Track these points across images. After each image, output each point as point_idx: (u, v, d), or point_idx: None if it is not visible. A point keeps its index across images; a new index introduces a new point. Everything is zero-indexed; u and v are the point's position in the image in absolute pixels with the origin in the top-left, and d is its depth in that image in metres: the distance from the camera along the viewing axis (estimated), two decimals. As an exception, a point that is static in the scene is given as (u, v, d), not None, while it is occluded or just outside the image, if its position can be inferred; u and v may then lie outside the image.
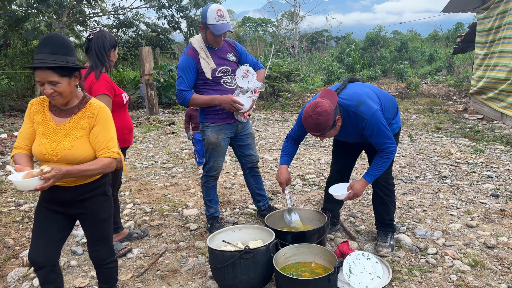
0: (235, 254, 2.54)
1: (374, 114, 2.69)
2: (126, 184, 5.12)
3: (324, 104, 2.58)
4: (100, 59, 2.91)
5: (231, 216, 3.95)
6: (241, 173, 5.30)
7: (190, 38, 3.39)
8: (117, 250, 3.24)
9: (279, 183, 3.09)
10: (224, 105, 3.22)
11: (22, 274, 3.07)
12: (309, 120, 2.61)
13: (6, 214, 4.31)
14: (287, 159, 3.11)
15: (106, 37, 2.95)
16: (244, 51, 3.53)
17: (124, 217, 4.08)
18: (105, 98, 2.86)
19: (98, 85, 2.86)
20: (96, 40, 2.91)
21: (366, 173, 2.86)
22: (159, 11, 14.70)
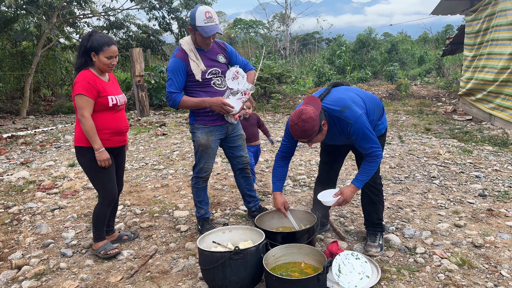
0: (225, 255, 2.55)
1: (358, 118, 2.72)
2: (117, 186, 5.10)
3: (308, 111, 2.62)
4: (79, 60, 3.02)
5: (222, 217, 3.95)
6: (232, 175, 5.30)
7: (180, 40, 3.38)
8: (107, 250, 3.23)
9: (278, 209, 3.14)
10: (214, 107, 3.23)
11: (11, 277, 3.04)
12: (295, 128, 2.65)
13: (-6, 216, 4.27)
14: (279, 185, 3.15)
15: (90, 39, 2.98)
16: (234, 53, 3.54)
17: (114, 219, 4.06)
18: (82, 98, 2.93)
19: (76, 86, 2.95)
20: (82, 39, 3.03)
21: (354, 179, 2.89)
22: (149, 12, 14.65)
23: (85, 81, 2.94)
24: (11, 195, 5.04)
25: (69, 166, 6.27)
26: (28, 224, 4.08)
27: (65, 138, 8.90)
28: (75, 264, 3.20)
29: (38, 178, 5.71)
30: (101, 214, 3.23)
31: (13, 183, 5.53)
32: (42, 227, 3.90)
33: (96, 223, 3.24)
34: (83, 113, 2.93)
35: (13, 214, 4.36)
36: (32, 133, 9.66)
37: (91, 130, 2.95)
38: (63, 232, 3.81)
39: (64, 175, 5.78)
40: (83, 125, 2.94)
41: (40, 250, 3.48)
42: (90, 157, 3.03)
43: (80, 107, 2.92)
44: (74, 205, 4.52)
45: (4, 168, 6.41)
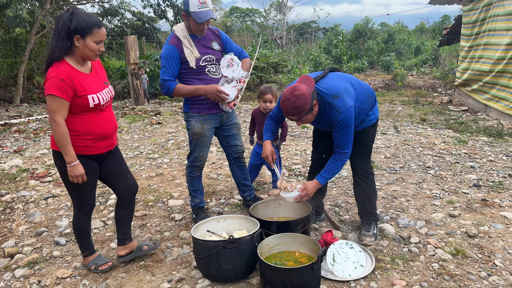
0: (219, 244, 2.54)
1: (347, 109, 2.72)
2: (111, 175, 5.06)
3: (301, 88, 2.61)
4: (55, 45, 2.39)
5: (217, 207, 3.94)
6: (227, 164, 5.28)
7: (173, 27, 3.32)
8: (98, 264, 2.84)
9: (265, 157, 3.11)
10: (209, 95, 3.18)
11: (4, 265, 3.02)
12: (287, 103, 2.62)
13: (-14, 205, 4.23)
14: (270, 135, 3.17)
15: (72, 18, 2.38)
16: (229, 40, 3.48)
17: (108, 208, 4.04)
18: (54, 99, 2.36)
19: (47, 83, 2.38)
20: (56, 21, 2.41)
21: (319, 175, 2.90)
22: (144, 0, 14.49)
23: (57, 77, 2.36)
24: (4, 183, 4.99)
25: (63, 155, 6.21)
26: (21, 212, 4.05)
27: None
28: (69, 253, 3.18)
29: (32, 166, 5.67)
30: (82, 225, 2.79)
31: (6, 171, 5.48)
32: (35, 216, 3.87)
33: (78, 236, 2.83)
34: (54, 117, 2.38)
35: (6, 202, 4.33)
36: (25, 121, 9.57)
37: (62, 138, 2.41)
38: (57, 220, 3.79)
39: (57, 163, 5.73)
40: (55, 133, 2.40)
41: (33, 238, 3.46)
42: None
43: (50, 110, 2.38)
44: (67, 194, 4.49)
45: (-3, 156, 6.34)
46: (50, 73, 2.38)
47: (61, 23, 2.37)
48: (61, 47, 2.39)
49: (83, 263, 2.93)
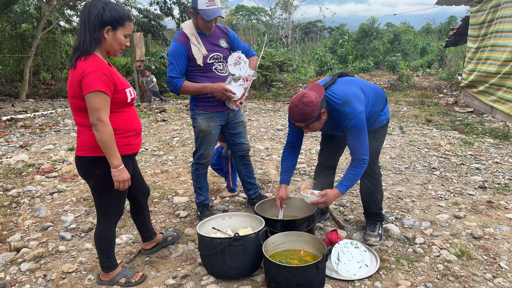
0: (224, 241, 2.54)
1: (358, 115, 2.70)
2: (116, 171, 5.08)
3: (310, 95, 2.61)
4: (88, 37, 2.20)
5: (221, 204, 3.95)
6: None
7: (181, 24, 3.32)
8: (129, 277, 2.65)
9: (276, 199, 3.08)
10: (215, 93, 3.19)
11: (10, 259, 3.04)
12: (294, 110, 2.62)
13: (-7, 199, 4.26)
14: (284, 178, 3.10)
15: (106, 8, 2.21)
16: (236, 38, 3.49)
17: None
18: (99, 96, 2.17)
19: (89, 79, 2.14)
20: (87, 10, 2.20)
21: (339, 183, 2.86)
22: (151, -3, 14.51)
23: (99, 71, 2.17)
24: (10, 177, 5.02)
25: (68, 150, 6.25)
26: (27, 207, 4.07)
27: (65, 122, 8.86)
28: (74, 248, 3.19)
29: (37, 161, 5.70)
30: (111, 237, 2.58)
31: (12, 166, 5.51)
32: (41, 210, 3.90)
33: (105, 249, 2.59)
34: (100, 116, 2.17)
35: (12, 196, 4.35)
36: (31, 116, 9.62)
37: (111, 139, 2.21)
38: (62, 215, 3.81)
39: (63, 158, 5.77)
40: (101, 134, 2.17)
41: (39, 233, 3.48)
42: (108, 170, 2.33)
43: (95, 108, 2.16)
44: (73, 189, 4.51)
45: (3, 151, 6.39)
46: (88, 67, 2.16)
47: (94, 13, 2.18)
48: (96, 39, 2.21)
49: (102, 279, 2.65)
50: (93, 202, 4.05)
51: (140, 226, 2.96)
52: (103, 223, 2.54)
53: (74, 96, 2.24)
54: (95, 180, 2.38)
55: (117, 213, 2.55)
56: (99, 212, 2.54)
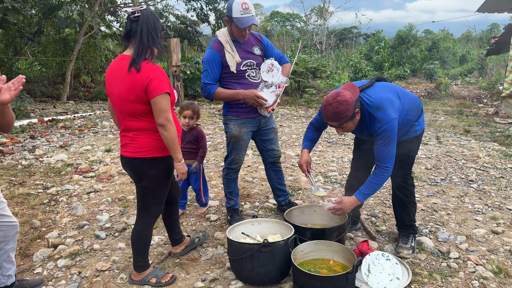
0: (253, 246, 2.56)
1: (390, 122, 2.65)
2: (150, 173, 5.20)
3: (345, 94, 2.58)
4: (150, 42, 2.36)
5: (251, 210, 3.96)
6: (263, 168, 5.29)
7: (216, 32, 3.40)
8: (159, 277, 2.72)
9: (300, 165, 3.10)
10: (247, 99, 3.23)
11: (47, 254, 3.17)
12: (328, 108, 2.60)
13: (34, 196, 4.46)
14: (308, 144, 3.15)
15: (157, 18, 2.41)
16: (270, 45, 3.52)
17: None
18: (166, 98, 2.35)
19: (157, 81, 2.31)
20: (146, 18, 2.35)
21: (358, 191, 2.81)
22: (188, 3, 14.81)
23: (164, 75, 2.36)
24: (50, 176, 5.24)
25: (105, 151, 6.46)
26: (65, 205, 4.23)
27: (102, 124, 9.17)
28: (108, 247, 3.29)
29: (76, 161, 5.92)
30: (149, 236, 2.72)
31: (52, 165, 5.75)
32: (78, 209, 4.05)
33: (142, 247, 2.70)
34: (168, 117, 2.35)
35: (51, 194, 4.54)
36: (71, 117, 10.01)
37: (176, 137, 2.41)
38: (98, 214, 3.93)
39: (100, 159, 5.96)
40: (170, 132, 2.36)
41: (75, 231, 3.61)
42: (164, 169, 2.54)
43: (164, 109, 2.33)
44: (109, 189, 4.66)
45: (44, 150, 6.68)
46: (153, 71, 2.32)
47: (154, 20, 2.36)
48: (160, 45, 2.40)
49: (133, 279, 2.73)
50: (127, 203, 4.18)
51: (171, 229, 3.02)
52: (144, 221, 2.66)
53: (135, 101, 2.36)
54: (148, 180, 2.53)
55: (158, 213, 2.69)
56: (142, 211, 2.66)
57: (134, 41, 2.37)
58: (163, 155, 2.50)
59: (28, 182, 4.95)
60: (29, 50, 16.19)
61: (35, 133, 8.06)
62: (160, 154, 2.48)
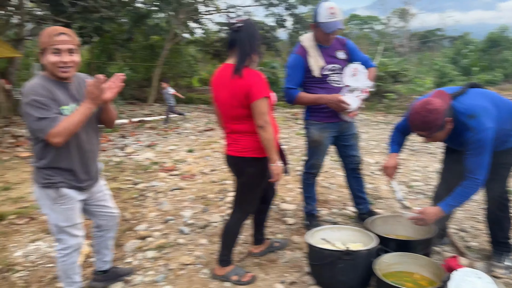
0: (334, 253, 2.53)
1: (484, 131, 2.47)
2: (229, 174, 5.36)
3: (435, 102, 2.45)
4: (250, 50, 2.53)
5: (329, 216, 3.92)
6: (340, 174, 5.20)
7: (300, 37, 3.43)
8: (240, 275, 2.79)
9: (385, 168, 2.98)
10: (330, 104, 3.21)
11: (137, 245, 3.41)
12: (416, 117, 2.49)
13: (125, 190, 4.83)
14: (396, 148, 3.03)
15: (257, 27, 2.61)
16: (355, 49, 3.47)
17: (226, 204, 4.28)
18: (265, 101, 2.51)
19: (258, 86, 2.49)
20: (247, 28, 2.52)
21: (443, 202, 2.63)
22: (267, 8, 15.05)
23: (263, 79, 2.54)
24: (138, 173, 5.65)
25: (188, 152, 6.80)
26: (152, 200, 4.53)
27: (185, 126, 9.67)
28: (191, 242, 3.46)
29: (161, 160, 6.31)
30: (237, 231, 2.83)
31: (140, 162, 6.19)
32: (164, 204, 4.30)
33: (229, 243, 2.83)
34: (267, 119, 2.51)
35: (140, 190, 4.88)
36: (157, 119, 10.69)
37: (273, 138, 2.56)
38: (181, 211, 4.15)
39: (183, 159, 6.29)
40: (268, 133, 2.51)
41: (162, 225, 3.84)
42: (261, 169, 2.66)
43: (263, 112, 2.49)
44: (191, 188, 4.89)
45: (134, 148, 7.21)
46: (253, 76, 2.50)
47: (254, 30, 2.55)
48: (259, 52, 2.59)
49: (216, 273, 2.84)
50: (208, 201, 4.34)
51: (258, 227, 3.11)
52: (237, 217, 2.81)
53: (238, 106, 2.55)
54: (246, 177, 2.72)
55: (249, 210, 2.84)
56: (237, 206, 2.83)
57: (235, 50, 2.54)
58: (261, 156, 2.63)
59: (119, 177, 5.37)
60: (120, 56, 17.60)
61: (125, 132, 8.74)
62: (258, 155, 2.63)
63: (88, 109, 2.21)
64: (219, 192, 4.68)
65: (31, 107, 2.13)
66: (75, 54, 2.24)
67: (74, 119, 2.17)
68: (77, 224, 2.42)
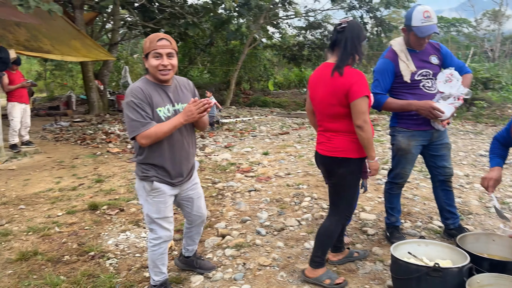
0: (422, 269, 2.39)
1: None
2: (304, 178, 5.35)
3: None
4: (353, 50, 2.53)
5: (412, 229, 3.71)
6: (424, 185, 4.94)
7: (391, 41, 3.32)
8: (333, 279, 2.74)
9: (484, 179, 2.73)
10: (421, 111, 3.04)
11: (216, 242, 3.52)
12: None
13: (204, 189, 4.99)
14: (499, 161, 2.77)
15: (361, 28, 2.61)
16: (449, 54, 3.27)
17: (302, 209, 4.27)
18: (366, 100, 2.49)
19: (360, 83, 2.48)
20: (351, 28, 2.53)
21: None
22: (348, 12, 14.77)
23: (364, 79, 2.52)
24: (217, 172, 5.83)
25: (263, 154, 6.88)
26: (230, 200, 4.64)
27: (260, 128, 9.81)
28: (268, 244, 3.48)
29: (238, 161, 6.45)
30: (334, 234, 2.77)
31: (218, 162, 6.39)
32: (241, 205, 4.39)
33: (324, 245, 2.77)
34: (366, 118, 2.49)
35: (218, 189, 5.04)
36: (233, 121, 10.98)
37: (372, 137, 2.54)
38: (258, 212, 4.20)
39: (259, 161, 6.38)
40: (367, 133, 2.50)
41: (239, 224, 3.92)
42: (354, 171, 2.67)
43: (363, 111, 2.48)
44: (267, 190, 4.94)
45: (212, 149, 7.47)
46: (354, 75, 2.50)
47: (359, 30, 2.55)
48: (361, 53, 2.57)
49: (307, 275, 2.79)
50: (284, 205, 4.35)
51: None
52: (333, 219, 2.77)
53: (336, 104, 2.55)
54: (337, 178, 2.69)
55: (346, 212, 2.79)
56: (332, 208, 2.80)
57: (338, 49, 2.57)
58: (354, 157, 2.61)
59: (199, 176, 5.57)
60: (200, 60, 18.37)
61: (204, 133, 9.08)
62: (351, 155, 2.61)
63: (180, 124, 2.38)
64: (295, 196, 4.66)
65: (128, 107, 2.34)
66: (173, 58, 2.41)
67: (164, 128, 2.34)
68: (167, 218, 2.58)
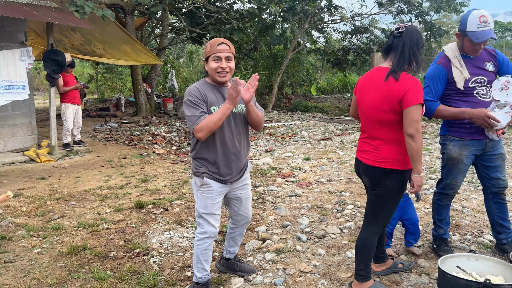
0: (472, 284, 2.28)
1: None
2: (347, 185, 5.26)
3: None
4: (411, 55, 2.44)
5: (461, 242, 3.55)
6: (474, 196, 4.72)
7: (443, 47, 3.21)
8: None
9: None
10: (475, 119, 2.91)
11: (257, 246, 3.53)
12: None
13: (246, 192, 5.04)
14: None
15: (420, 34, 2.50)
16: (506, 61, 3.12)
17: (344, 217, 4.19)
18: (419, 109, 2.37)
19: (415, 90, 2.36)
20: (409, 33, 2.45)
21: None
22: (396, 16, 14.40)
23: (420, 86, 2.41)
24: (258, 176, 5.85)
25: (304, 160, 6.83)
26: (270, 204, 4.65)
27: (302, 133, 9.74)
28: (309, 250, 3.45)
29: (279, 165, 6.45)
30: (373, 245, 2.68)
31: (259, 166, 6.41)
32: (282, 210, 4.38)
33: (365, 257, 2.67)
34: (419, 127, 2.36)
35: (259, 193, 5.06)
36: (275, 125, 10.99)
37: (422, 149, 2.40)
38: (298, 218, 4.17)
39: (300, 166, 6.34)
40: (418, 143, 2.36)
41: (280, 229, 3.91)
42: (400, 182, 2.56)
43: (416, 120, 2.35)
44: (308, 196, 4.90)
45: (253, 152, 7.51)
46: (410, 81, 2.39)
47: (417, 35, 2.47)
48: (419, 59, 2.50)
49: None
50: (325, 211, 4.29)
51: (379, 244, 2.95)
52: (371, 230, 2.67)
53: (387, 110, 2.45)
54: (382, 189, 2.57)
55: (385, 223, 2.72)
56: (370, 218, 2.69)
57: (393, 54, 2.51)
58: (402, 169, 2.51)
59: (241, 179, 5.63)
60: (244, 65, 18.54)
61: (246, 136, 9.15)
62: (399, 167, 2.50)
63: (227, 109, 2.47)
64: (337, 203, 4.59)
65: (186, 105, 2.53)
66: (231, 61, 2.56)
67: (214, 117, 2.46)
68: (214, 215, 2.67)
